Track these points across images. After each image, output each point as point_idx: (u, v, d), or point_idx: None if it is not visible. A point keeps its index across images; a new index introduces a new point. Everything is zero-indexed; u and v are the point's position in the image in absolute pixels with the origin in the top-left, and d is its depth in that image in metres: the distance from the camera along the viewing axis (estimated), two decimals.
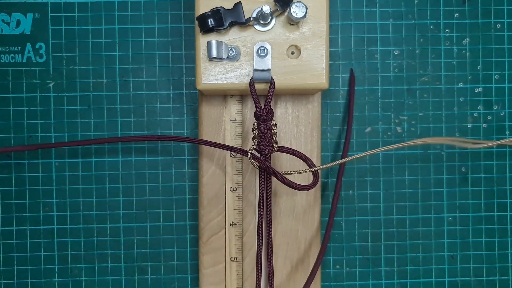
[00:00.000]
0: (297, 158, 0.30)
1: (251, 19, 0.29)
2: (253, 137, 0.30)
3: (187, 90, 0.36)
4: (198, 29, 0.29)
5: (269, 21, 0.29)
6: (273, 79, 0.29)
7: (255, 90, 0.29)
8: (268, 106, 0.29)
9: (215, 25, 0.29)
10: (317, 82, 0.30)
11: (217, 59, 0.29)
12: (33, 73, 0.36)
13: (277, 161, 0.34)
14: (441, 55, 0.37)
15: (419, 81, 0.37)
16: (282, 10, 0.28)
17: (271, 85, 0.29)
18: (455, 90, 0.37)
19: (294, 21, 0.29)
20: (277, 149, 0.30)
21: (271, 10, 0.28)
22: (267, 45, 0.29)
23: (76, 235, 0.36)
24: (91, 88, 0.36)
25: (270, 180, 0.30)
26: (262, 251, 0.31)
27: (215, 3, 0.29)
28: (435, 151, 0.37)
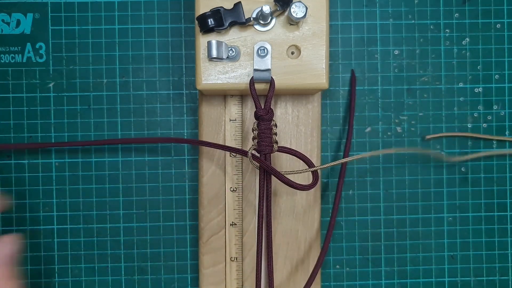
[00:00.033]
0: (297, 158, 0.30)
1: (251, 19, 0.29)
2: (253, 137, 0.30)
3: (187, 90, 0.36)
4: (198, 29, 0.29)
5: (269, 21, 0.29)
6: (273, 79, 0.29)
7: (255, 90, 0.29)
8: (268, 106, 0.29)
9: (215, 25, 0.29)
10: (317, 82, 0.30)
11: (217, 59, 0.29)
12: (33, 73, 0.36)
13: (277, 161, 0.34)
14: (441, 55, 0.37)
15: (419, 81, 0.37)
16: (282, 10, 0.28)
17: (271, 85, 0.29)
18: (455, 90, 0.37)
19: (294, 21, 0.29)
20: (277, 149, 0.30)
21: (271, 10, 0.28)
22: (267, 45, 0.29)
23: (76, 235, 0.36)
24: (91, 88, 0.36)
25: (270, 180, 0.30)
26: (262, 251, 0.31)
27: (215, 3, 0.29)
28: (435, 151, 0.37)
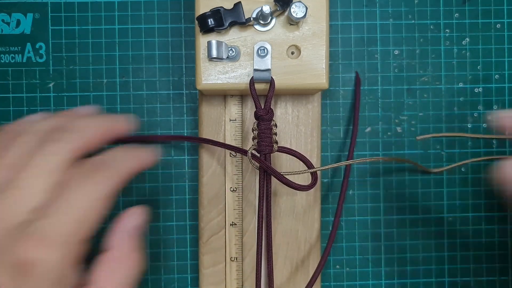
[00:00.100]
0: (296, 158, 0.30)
1: (251, 19, 0.29)
2: (253, 137, 0.30)
3: (187, 90, 0.36)
4: (198, 29, 0.29)
5: (269, 21, 0.29)
6: (273, 79, 0.29)
7: (255, 90, 0.29)
8: (268, 106, 0.29)
9: (215, 25, 0.29)
10: (317, 82, 0.30)
11: (217, 59, 0.29)
12: (33, 73, 0.36)
13: (277, 161, 0.34)
14: (441, 55, 0.37)
15: (419, 81, 0.37)
16: (282, 10, 0.28)
17: (271, 85, 0.29)
18: (455, 90, 0.37)
19: (294, 21, 0.29)
20: (277, 149, 0.30)
21: (271, 10, 0.28)
22: (267, 45, 0.29)
23: None
24: (91, 88, 0.36)
25: (270, 180, 0.30)
26: (262, 251, 0.31)
27: (215, 3, 0.29)
28: (435, 151, 0.37)
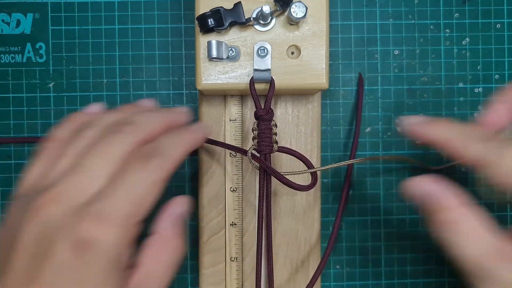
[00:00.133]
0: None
1: (251, 19, 0.29)
2: (253, 137, 0.30)
3: (187, 90, 0.36)
4: (198, 29, 0.29)
5: (269, 21, 0.29)
6: (273, 79, 0.29)
7: (255, 90, 0.29)
8: (268, 106, 0.29)
9: (215, 25, 0.29)
10: (317, 82, 0.30)
11: (217, 59, 0.29)
12: (33, 73, 0.36)
13: (277, 161, 0.34)
14: (441, 55, 0.37)
15: (419, 81, 0.37)
16: (282, 10, 0.28)
17: (271, 85, 0.29)
18: (455, 90, 0.37)
19: (294, 21, 0.29)
20: (277, 149, 0.30)
21: (271, 10, 0.28)
22: (267, 45, 0.29)
23: None
24: (91, 88, 0.36)
25: (270, 180, 0.30)
26: (262, 251, 0.31)
27: (215, 3, 0.29)
28: (435, 151, 0.37)
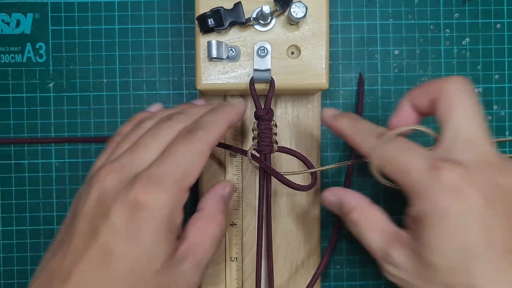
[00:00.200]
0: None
1: (251, 19, 0.29)
2: (253, 137, 0.30)
3: (187, 90, 0.36)
4: (198, 29, 0.29)
5: (269, 21, 0.29)
6: (273, 79, 0.29)
7: (255, 90, 0.29)
8: (268, 106, 0.29)
9: (215, 25, 0.29)
10: (317, 82, 0.30)
11: (217, 59, 0.29)
12: (33, 73, 0.36)
13: (277, 161, 0.34)
14: (441, 55, 0.37)
15: (419, 81, 0.37)
16: (282, 10, 0.28)
17: (271, 85, 0.29)
18: None
19: (294, 21, 0.29)
20: (277, 149, 0.30)
21: (271, 10, 0.28)
22: (267, 45, 0.29)
23: None
24: (91, 88, 0.36)
25: (270, 180, 0.30)
26: (262, 251, 0.31)
27: (215, 3, 0.29)
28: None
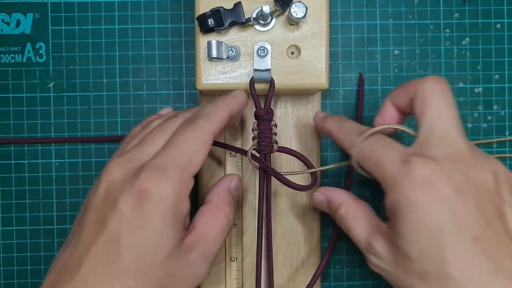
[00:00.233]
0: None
1: (251, 19, 0.29)
2: (253, 137, 0.30)
3: (187, 90, 0.36)
4: (198, 29, 0.29)
5: (269, 21, 0.29)
6: (273, 79, 0.29)
7: (255, 90, 0.29)
8: (268, 106, 0.29)
9: (215, 25, 0.29)
10: (317, 82, 0.30)
11: (217, 59, 0.29)
12: (33, 73, 0.36)
13: (277, 161, 0.34)
14: (441, 55, 0.37)
15: None
16: (282, 10, 0.28)
17: (271, 85, 0.29)
18: (455, 90, 0.37)
19: (294, 21, 0.29)
20: (277, 149, 0.30)
21: (271, 10, 0.28)
22: (267, 45, 0.29)
23: None
24: (91, 88, 0.36)
25: (270, 180, 0.30)
26: (262, 251, 0.31)
27: (215, 3, 0.29)
28: None
